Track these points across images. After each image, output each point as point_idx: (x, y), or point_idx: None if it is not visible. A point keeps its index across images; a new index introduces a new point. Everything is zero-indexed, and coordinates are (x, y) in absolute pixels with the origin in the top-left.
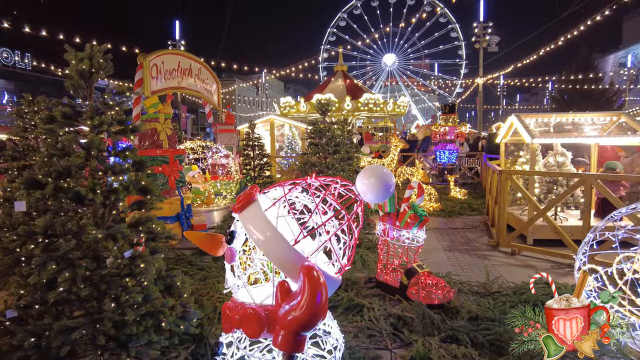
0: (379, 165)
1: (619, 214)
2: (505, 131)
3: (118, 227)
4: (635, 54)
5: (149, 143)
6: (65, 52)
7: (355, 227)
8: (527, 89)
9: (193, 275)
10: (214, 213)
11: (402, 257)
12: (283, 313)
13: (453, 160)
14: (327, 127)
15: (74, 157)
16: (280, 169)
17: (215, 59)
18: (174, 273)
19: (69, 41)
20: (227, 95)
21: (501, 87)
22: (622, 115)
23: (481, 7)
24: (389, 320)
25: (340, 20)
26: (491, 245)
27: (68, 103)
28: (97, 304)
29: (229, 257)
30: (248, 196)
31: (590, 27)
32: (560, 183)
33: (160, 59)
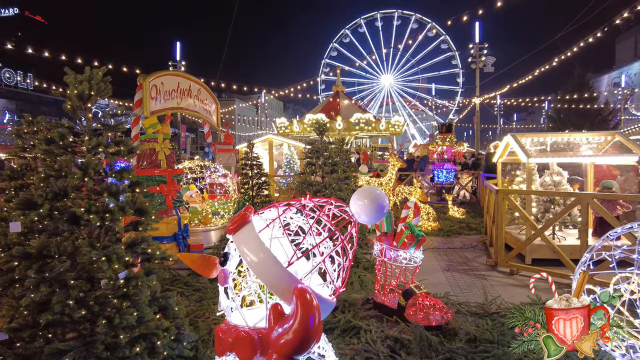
0: (372, 186)
1: (615, 233)
2: (502, 151)
3: (113, 248)
4: (629, 74)
5: (147, 163)
6: (65, 75)
7: (350, 248)
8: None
9: (189, 296)
10: (211, 233)
11: (399, 278)
12: (275, 336)
13: (451, 179)
14: (324, 146)
15: (71, 178)
16: (278, 188)
17: (215, 80)
18: (169, 294)
19: (71, 62)
20: (227, 115)
21: (498, 107)
22: (616, 134)
23: (477, 28)
24: (386, 343)
25: (344, 36)
26: (489, 265)
27: (66, 124)
28: (90, 326)
29: (222, 280)
30: (242, 217)
31: (584, 48)
32: (558, 202)
33: (160, 79)
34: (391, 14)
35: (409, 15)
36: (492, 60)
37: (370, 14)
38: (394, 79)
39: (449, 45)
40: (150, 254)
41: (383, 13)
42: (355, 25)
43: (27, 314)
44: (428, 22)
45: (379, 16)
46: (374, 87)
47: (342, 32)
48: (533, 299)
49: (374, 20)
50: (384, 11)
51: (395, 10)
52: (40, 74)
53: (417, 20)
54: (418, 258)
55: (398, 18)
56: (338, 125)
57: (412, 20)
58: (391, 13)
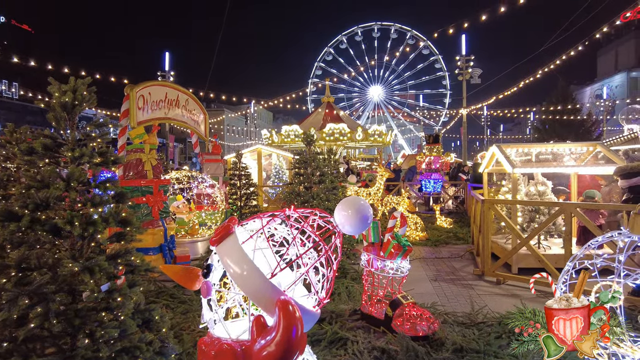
0: (356, 196)
1: (596, 242)
2: (488, 161)
3: (96, 260)
4: (610, 86)
5: (133, 173)
6: (48, 85)
7: (335, 258)
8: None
9: (174, 308)
10: (198, 244)
11: (386, 288)
12: (258, 348)
13: (438, 189)
14: (312, 157)
15: (53, 189)
16: (267, 199)
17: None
18: (153, 307)
19: (57, 71)
20: (216, 125)
21: (485, 118)
22: (598, 145)
23: (463, 41)
24: (373, 354)
25: (327, 55)
26: (476, 274)
27: (49, 134)
28: (71, 340)
29: (205, 292)
30: (225, 228)
31: (567, 61)
32: (542, 212)
33: (147, 90)
34: (388, 26)
35: (406, 30)
36: (478, 72)
37: (368, 23)
38: (383, 91)
39: (441, 64)
40: (134, 265)
41: (381, 25)
42: (352, 33)
43: (4, 329)
44: (421, 37)
45: (376, 28)
46: (363, 99)
47: (339, 38)
48: (519, 308)
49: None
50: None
51: (393, 24)
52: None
53: (413, 36)
54: (405, 268)
55: (395, 32)
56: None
57: (408, 37)
58: (388, 26)
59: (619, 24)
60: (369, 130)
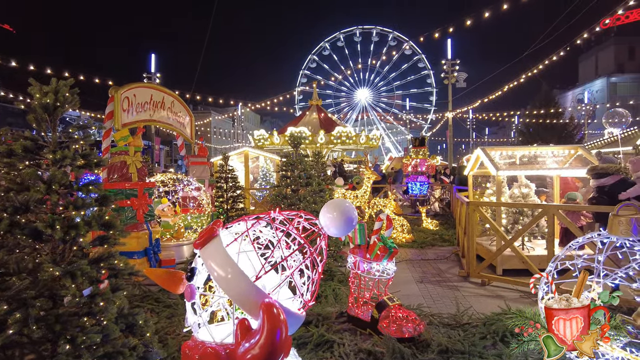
0: (341, 199)
1: (577, 243)
2: (472, 164)
3: (78, 264)
4: (591, 91)
5: (117, 176)
6: (30, 86)
7: (320, 261)
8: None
9: (159, 312)
10: (184, 247)
11: (373, 290)
12: (242, 352)
13: (424, 191)
14: (299, 159)
15: (33, 192)
16: (254, 201)
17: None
18: (137, 311)
19: (40, 72)
20: (203, 128)
21: (470, 121)
22: (579, 148)
23: (449, 45)
24: (359, 356)
25: (311, 62)
26: (462, 276)
27: (29, 136)
28: (51, 346)
29: (189, 295)
30: (209, 231)
31: (550, 66)
32: (526, 214)
33: (132, 92)
34: (370, 29)
35: (388, 32)
36: (464, 76)
37: (350, 28)
38: (370, 94)
39: (425, 63)
40: (118, 269)
41: (362, 29)
42: (335, 39)
43: None
44: (405, 40)
45: (358, 32)
46: (350, 102)
47: (322, 45)
48: (504, 308)
49: (352, 35)
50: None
51: (374, 27)
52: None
53: (395, 37)
54: (391, 270)
55: (376, 34)
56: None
57: (390, 38)
58: (370, 29)
59: (598, 31)
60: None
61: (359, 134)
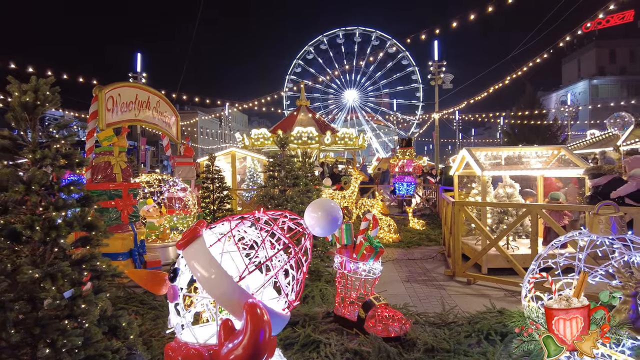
0: (326, 198)
1: (559, 241)
2: (458, 164)
3: (59, 266)
4: (574, 92)
5: (102, 176)
6: (9, 84)
7: (305, 260)
8: (481, 124)
9: (144, 314)
10: (169, 249)
11: (359, 290)
12: (225, 352)
13: (411, 191)
14: (286, 159)
15: (12, 192)
16: (241, 202)
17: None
18: (120, 313)
19: (21, 71)
20: (190, 128)
21: (457, 122)
22: (562, 149)
23: (435, 47)
24: (345, 356)
25: (296, 67)
26: (448, 275)
27: (7, 135)
28: (31, 350)
29: (172, 296)
30: (192, 232)
31: (534, 68)
32: (510, 213)
33: (117, 91)
34: (352, 31)
35: (370, 32)
36: (450, 78)
37: (333, 31)
38: (358, 95)
39: (409, 60)
40: (101, 271)
41: (345, 30)
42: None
43: None
44: (388, 38)
45: (341, 33)
46: (338, 103)
47: (306, 49)
48: (489, 307)
49: (335, 37)
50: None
51: (357, 27)
52: None
53: (378, 37)
54: (377, 269)
55: (359, 35)
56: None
57: (373, 37)
58: (352, 30)
59: (581, 34)
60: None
61: (357, 136)
